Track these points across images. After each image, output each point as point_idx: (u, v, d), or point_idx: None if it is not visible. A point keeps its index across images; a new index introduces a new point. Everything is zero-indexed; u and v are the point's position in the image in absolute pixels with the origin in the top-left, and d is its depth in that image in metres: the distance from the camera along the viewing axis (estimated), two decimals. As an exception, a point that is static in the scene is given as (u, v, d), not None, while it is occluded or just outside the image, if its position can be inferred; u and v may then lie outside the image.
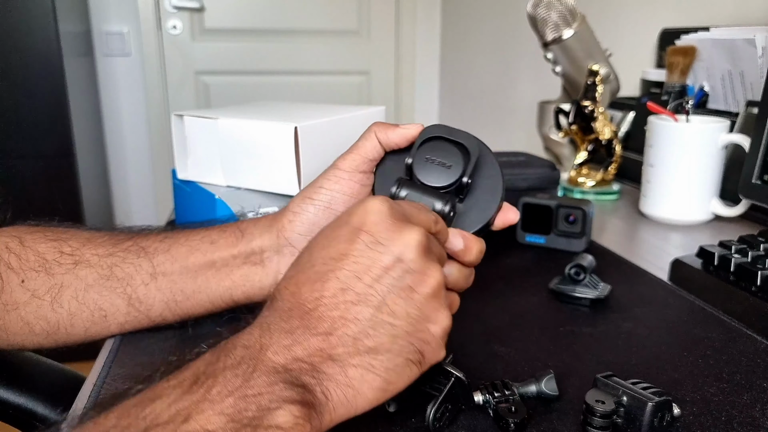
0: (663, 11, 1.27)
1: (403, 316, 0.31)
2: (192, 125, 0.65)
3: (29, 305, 0.43)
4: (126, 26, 2.38)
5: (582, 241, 0.65)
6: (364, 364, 0.30)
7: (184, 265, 0.46)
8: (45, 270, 0.44)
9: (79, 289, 0.44)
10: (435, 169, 0.40)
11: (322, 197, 0.44)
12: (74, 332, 0.45)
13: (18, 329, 0.43)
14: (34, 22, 1.78)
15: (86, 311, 0.44)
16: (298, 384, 0.29)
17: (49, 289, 0.43)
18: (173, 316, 0.46)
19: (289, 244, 0.45)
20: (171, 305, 0.46)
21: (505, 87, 2.10)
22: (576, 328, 0.49)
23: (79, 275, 0.44)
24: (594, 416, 0.35)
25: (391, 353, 0.31)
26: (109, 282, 0.45)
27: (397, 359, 0.31)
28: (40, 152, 1.86)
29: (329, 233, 0.33)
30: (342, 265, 0.31)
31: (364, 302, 0.31)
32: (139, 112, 2.47)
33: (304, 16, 2.50)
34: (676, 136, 0.74)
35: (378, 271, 0.31)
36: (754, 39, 0.81)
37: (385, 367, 0.31)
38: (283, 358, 0.29)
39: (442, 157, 0.40)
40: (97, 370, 0.44)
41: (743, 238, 0.58)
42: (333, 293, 0.31)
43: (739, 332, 0.48)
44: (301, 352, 0.29)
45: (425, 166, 0.40)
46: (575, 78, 0.92)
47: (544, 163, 0.75)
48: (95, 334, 0.46)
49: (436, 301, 0.33)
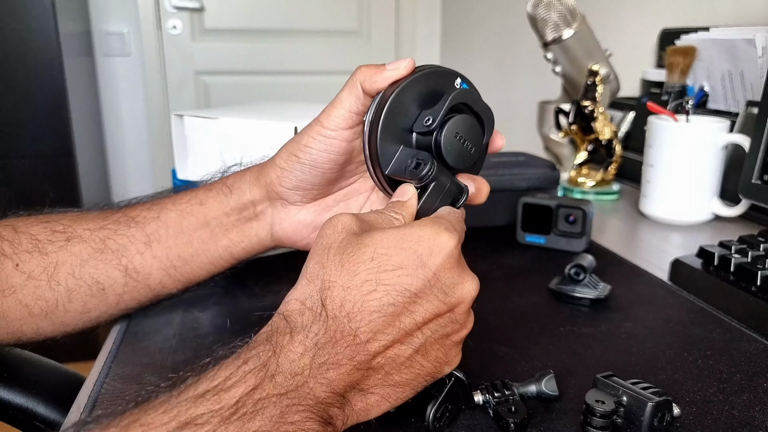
0: (663, 11, 1.27)
1: (432, 360, 0.32)
2: (192, 125, 0.65)
3: (26, 287, 0.43)
4: (126, 26, 2.38)
5: (582, 241, 0.65)
6: (384, 393, 0.31)
7: (178, 230, 0.46)
8: (38, 250, 0.44)
9: (74, 265, 0.44)
10: (460, 149, 0.37)
11: (308, 156, 0.42)
12: (72, 308, 0.45)
13: (17, 313, 0.43)
14: (34, 22, 1.78)
15: (84, 286, 0.45)
16: (326, 417, 0.29)
17: (45, 268, 0.44)
18: (173, 282, 0.47)
19: (279, 197, 0.45)
20: (170, 271, 0.46)
21: (505, 87, 2.10)
22: (576, 328, 0.49)
23: (72, 251, 0.44)
24: (594, 416, 0.34)
25: (409, 387, 0.32)
26: (104, 255, 0.45)
27: (410, 392, 0.33)
28: (40, 152, 1.86)
29: (393, 254, 0.30)
30: (405, 306, 0.30)
31: (409, 343, 0.31)
32: (139, 112, 2.47)
33: (304, 16, 2.50)
34: (676, 136, 0.74)
35: (432, 317, 0.31)
36: (754, 39, 0.81)
37: (398, 397, 0.32)
38: (324, 392, 0.29)
39: (466, 135, 0.37)
40: (97, 370, 0.44)
41: (743, 238, 0.58)
42: (388, 334, 0.30)
43: (739, 332, 0.48)
44: (340, 387, 0.30)
45: (452, 144, 0.37)
46: (575, 78, 0.92)
47: (544, 163, 0.75)
48: (93, 307, 0.46)
49: (459, 347, 0.34)
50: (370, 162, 0.38)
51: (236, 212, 0.46)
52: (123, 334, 0.48)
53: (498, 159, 0.75)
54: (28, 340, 0.45)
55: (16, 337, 0.45)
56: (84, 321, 0.46)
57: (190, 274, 0.47)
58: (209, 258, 0.47)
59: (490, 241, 0.69)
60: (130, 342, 0.47)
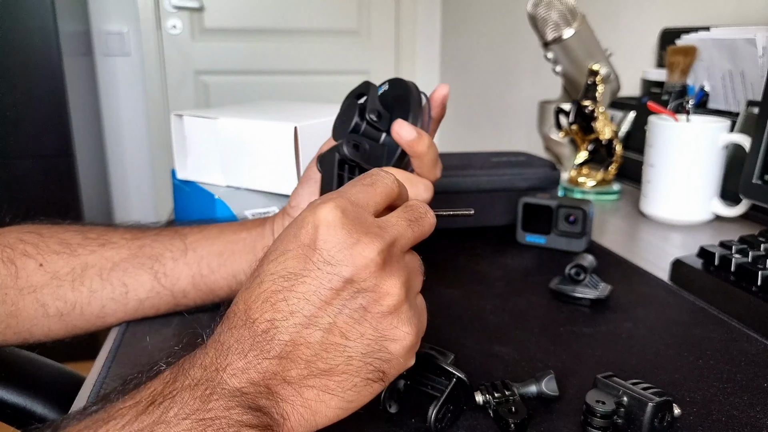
0: (663, 11, 1.27)
1: (355, 337, 0.30)
2: (192, 125, 0.65)
3: (48, 287, 0.44)
4: (126, 26, 2.38)
5: (582, 241, 0.65)
6: (320, 385, 0.30)
7: (214, 242, 0.48)
8: (68, 252, 0.45)
9: (104, 268, 0.45)
10: (383, 113, 0.45)
11: (301, 203, 0.47)
12: (89, 311, 0.45)
13: (32, 312, 0.44)
14: (34, 22, 1.78)
15: (108, 288, 0.45)
16: (255, 407, 0.28)
17: (72, 268, 0.44)
18: (196, 292, 0.48)
19: None
20: (196, 279, 0.47)
21: (505, 87, 2.10)
22: (576, 328, 0.49)
23: (105, 255, 0.45)
24: (594, 416, 0.34)
25: (348, 374, 0.30)
26: (138, 260, 0.46)
27: (354, 379, 0.30)
28: (40, 152, 1.86)
29: (279, 245, 0.31)
30: (291, 286, 0.29)
31: (314, 325, 0.29)
32: (138, 112, 2.47)
33: (304, 16, 2.50)
34: (676, 135, 0.74)
35: (328, 293, 0.29)
36: (755, 39, 0.80)
37: (343, 388, 0.30)
38: (238, 381, 0.28)
39: (385, 106, 0.45)
40: (97, 370, 0.44)
41: (744, 238, 0.58)
42: (283, 316, 0.29)
43: (740, 332, 0.48)
44: (256, 375, 0.29)
45: (373, 110, 0.45)
46: (575, 78, 0.92)
47: (544, 163, 0.75)
48: (110, 313, 0.46)
49: (395, 318, 0.30)
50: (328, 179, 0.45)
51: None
52: (123, 334, 0.48)
53: (498, 159, 0.75)
54: (35, 341, 0.45)
55: (23, 338, 0.45)
56: (96, 326, 0.47)
57: (213, 284, 0.48)
58: (233, 270, 0.48)
59: (490, 241, 0.69)
60: (129, 342, 0.47)
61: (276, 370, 0.29)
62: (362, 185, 0.33)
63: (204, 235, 0.49)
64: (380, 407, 0.37)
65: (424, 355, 0.38)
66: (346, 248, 0.29)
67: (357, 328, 0.30)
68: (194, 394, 0.27)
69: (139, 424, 0.26)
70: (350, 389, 0.30)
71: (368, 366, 0.30)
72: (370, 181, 0.33)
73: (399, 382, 0.38)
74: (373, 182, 0.33)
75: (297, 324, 0.29)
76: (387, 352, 0.30)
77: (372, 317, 0.30)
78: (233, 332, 0.30)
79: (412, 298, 0.32)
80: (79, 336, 0.47)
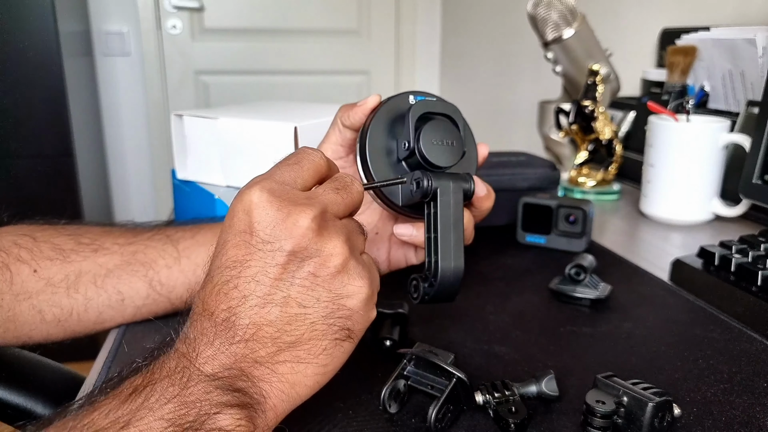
0: (663, 11, 1.27)
1: (312, 303, 0.31)
2: (192, 125, 0.65)
3: (43, 293, 0.43)
4: (126, 26, 2.38)
5: (582, 241, 0.65)
6: (291, 358, 0.31)
7: (208, 249, 0.47)
8: (62, 258, 0.44)
9: (98, 275, 0.45)
10: (443, 150, 0.40)
11: None
12: (87, 318, 0.45)
13: (29, 318, 0.43)
14: (34, 22, 1.78)
15: (103, 295, 0.45)
16: (233, 389, 0.29)
17: (66, 275, 0.44)
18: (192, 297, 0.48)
19: None
20: (192, 286, 0.47)
21: (505, 87, 2.10)
22: (576, 328, 0.49)
23: (98, 261, 0.45)
24: (594, 416, 0.34)
25: (315, 339, 0.31)
26: (131, 267, 0.46)
27: (322, 343, 0.31)
28: (39, 152, 1.86)
29: (220, 239, 0.32)
30: (238, 273, 0.30)
31: (270, 303, 0.30)
32: (138, 112, 2.47)
33: (304, 16, 2.50)
34: (676, 136, 0.74)
35: (275, 270, 0.30)
36: (755, 39, 0.80)
37: (314, 354, 0.31)
38: (211, 367, 0.29)
39: (442, 136, 0.41)
40: (97, 370, 0.44)
41: (744, 238, 0.58)
42: (238, 303, 0.30)
43: (740, 332, 0.48)
44: (227, 360, 0.29)
45: (433, 149, 0.40)
46: (575, 78, 0.92)
47: (544, 163, 0.75)
48: (108, 319, 0.46)
49: (344, 276, 0.31)
50: (386, 206, 0.43)
51: None
52: (123, 334, 0.48)
53: (498, 159, 0.75)
54: (35, 344, 0.45)
55: (23, 342, 0.45)
56: (96, 330, 0.47)
57: None
58: None
59: (490, 241, 0.69)
60: (129, 342, 0.47)
61: (244, 352, 0.30)
62: (287, 165, 0.34)
63: (196, 240, 0.48)
64: (380, 407, 0.37)
65: (424, 355, 0.38)
66: (280, 222, 0.30)
67: (311, 294, 0.31)
68: (173, 381, 0.28)
69: (122, 411, 0.27)
70: (321, 353, 0.31)
71: (332, 327, 0.31)
72: (295, 159, 0.34)
73: (399, 382, 0.38)
74: (298, 160, 0.34)
75: (253, 306, 0.30)
76: (346, 308, 0.32)
77: (323, 280, 0.31)
78: (196, 326, 0.31)
79: (357, 255, 0.33)
80: (79, 338, 0.47)
